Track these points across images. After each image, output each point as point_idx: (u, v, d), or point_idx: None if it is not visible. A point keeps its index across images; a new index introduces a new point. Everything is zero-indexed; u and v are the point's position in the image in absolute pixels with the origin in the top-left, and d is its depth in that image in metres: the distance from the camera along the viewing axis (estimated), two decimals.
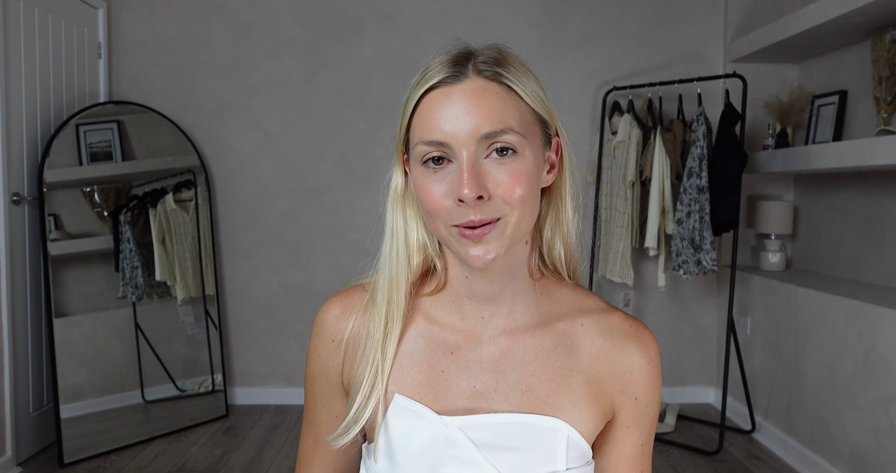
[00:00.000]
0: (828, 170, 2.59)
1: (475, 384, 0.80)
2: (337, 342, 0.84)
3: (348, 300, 0.85)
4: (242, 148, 3.32)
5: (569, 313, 0.83)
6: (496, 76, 0.74)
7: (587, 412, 0.80)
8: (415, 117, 0.76)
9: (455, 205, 0.72)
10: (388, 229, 0.83)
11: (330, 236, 3.35)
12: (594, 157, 3.22)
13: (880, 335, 2.15)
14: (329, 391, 0.86)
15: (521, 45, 3.58)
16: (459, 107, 0.72)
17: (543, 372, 0.80)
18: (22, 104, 2.63)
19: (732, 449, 2.78)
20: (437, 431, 0.77)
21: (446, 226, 0.73)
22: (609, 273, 3.04)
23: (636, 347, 0.82)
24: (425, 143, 0.73)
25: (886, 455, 2.13)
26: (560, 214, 0.83)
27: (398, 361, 0.81)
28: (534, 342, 0.81)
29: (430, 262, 0.83)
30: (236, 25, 3.30)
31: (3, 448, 2.48)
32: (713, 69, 3.29)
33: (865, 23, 2.47)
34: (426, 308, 0.84)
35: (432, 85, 0.74)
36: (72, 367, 2.73)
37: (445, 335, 0.82)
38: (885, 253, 2.60)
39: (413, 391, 0.80)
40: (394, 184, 0.82)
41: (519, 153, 0.73)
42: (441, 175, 0.73)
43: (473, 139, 0.71)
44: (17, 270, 2.60)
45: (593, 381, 0.81)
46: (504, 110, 0.73)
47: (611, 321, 0.83)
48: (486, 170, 0.72)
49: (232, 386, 3.37)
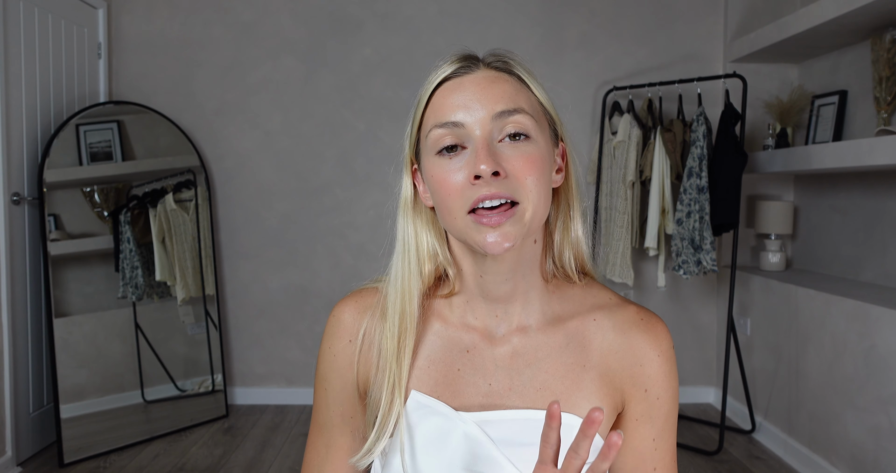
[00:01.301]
0: (828, 170, 2.59)
1: (490, 383, 0.81)
2: (354, 342, 0.84)
3: (363, 301, 0.85)
4: (242, 148, 3.32)
5: (581, 309, 0.84)
6: (506, 66, 0.77)
7: (600, 407, 0.80)
8: (427, 111, 0.77)
9: (470, 183, 0.72)
10: (399, 240, 0.83)
11: (330, 236, 3.35)
12: (594, 157, 3.22)
13: (880, 335, 2.15)
14: (343, 391, 0.85)
15: (521, 45, 3.57)
16: (472, 91, 0.74)
17: (557, 369, 0.81)
18: (22, 104, 2.63)
19: (732, 449, 2.78)
20: (454, 427, 0.78)
21: (462, 215, 0.73)
22: (609, 273, 3.04)
23: (646, 338, 0.82)
24: (440, 125, 0.74)
25: (886, 455, 2.13)
26: (568, 219, 0.84)
27: (416, 361, 0.82)
28: (546, 339, 0.82)
29: (441, 270, 0.84)
30: (236, 25, 3.30)
31: (3, 448, 2.48)
32: (713, 69, 3.29)
33: (865, 23, 2.47)
34: (440, 310, 0.84)
35: (444, 78, 0.76)
36: (72, 367, 2.73)
37: (460, 334, 0.83)
38: (885, 253, 2.60)
39: (431, 389, 0.81)
40: (403, 194, 0.83)
41: (532, 138, 0.74)
42: (456, 161, 0.74)
43: (488, 118, 0.73)
44: (17, 270, 2.60)
45: (605, 375, 0.81)
46: (516, 95, 0.75)
47: (623, 315, 0.83)
48: (500, 151, 0.73)
49: (232, 386, 3.37)
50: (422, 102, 0.78)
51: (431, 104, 0.77)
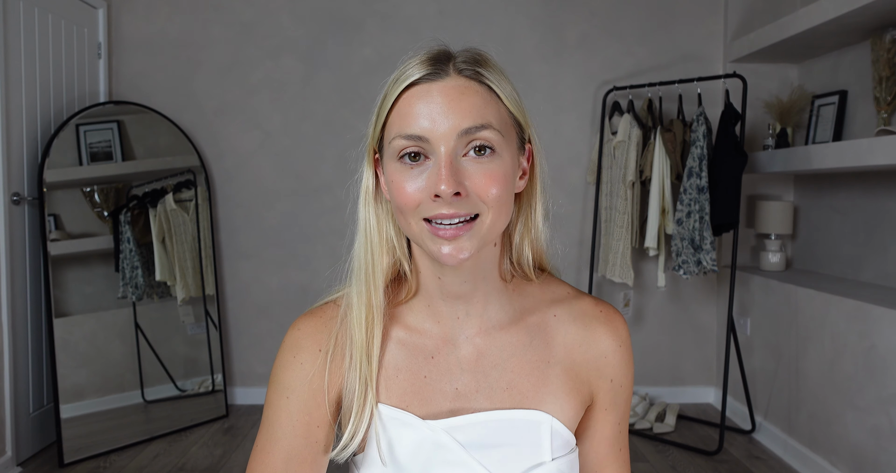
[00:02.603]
0: (828, 170, 2.59)
1: (457, 386, 0.81)
2: (324, 352, 0.82)
3: (325, 314, 0.84)
4: (242, 148, 3.32)
5: (540, 305, 0.85)
6: (476, 75, 0.75)
7: (567, 401, 0.82)
8: (392, 113, 0.75)
9: (430, 199, 0.72)
10: (360, 230, 0.83)
11: (330, 236, 3.35)
12: (594, 157, 3.22)
13: (880, 335, 2.15)
14: (311, 402, 0.82)
15: (521, 45, 3.57)
16: (440, 103, 0.72)
17: (522, 367, 0.82)
18: (22, 104, 2.63)
19: (732, 449, 2.78)
20: (423, 436, 0.78)
21: (417, 221, 0.73)
22: (609, 273, 3.04)
23: (607, 331, 0.84)
24: (404, 137, 0.73)
25: (886, 455, 2.13)
26: (529, 220, 0.84)
27: (383, 371, 0.81)
28: (510, 338, 0.82)
29: (398, 266, 0.83)
30: (236, 25, 3.30)
31: (3, 448, 2.48)
32: (713, 69, 3.29)
33: (865, 23, 2.47)
34: (402, 317, 0.84)
35: (412, 82, 0.74)
36: (72, 367, 2.73)
37: (424, 341, 0.82)
38: (885, 253, 2.60)
39: (399, 399, 0.80)
40: (364, 184, 0.83)
41: (497, 153, 0.73)
42: (417, 171, 0.73)
43: (453, 135, 0.71)
44: (17, 270, 2.60)
45: (570, 370, 0.83)
46: (484, 108, 0.73)
47: (581, 308, 0.85)
48: (463, 167, 0.72)
49: (232, 386, 3.37)
50: (388, 101, 0.76)
51: (397, 108, 0.75)
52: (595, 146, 3.25)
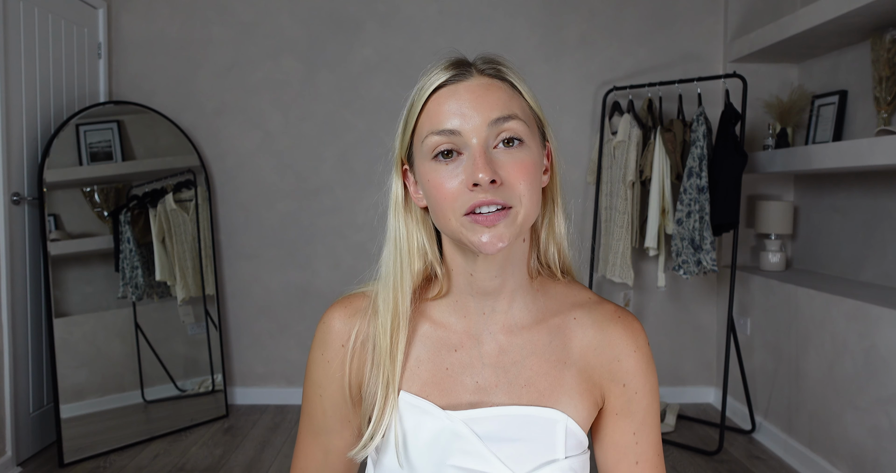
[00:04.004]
0: (828, 170, 2.60)
1: (478, 380, 0.83)
2: (346, 347, 0.85)
3: (352, 305, 0.87)
4: (242, 148, 3.32)
5: (563, 307, 0.87)
6: (498, 73, 0.79)
7: (581, 402, 0.83)
8: (422, 117, 0.79)
9: (468, 190, 0.74)
10: (390, 238, 0.85)
11: (330, 236, 3.35)
12: (594, 157, 3.22)
13: (880, 335, 2.15)
14: (341, 398, 0.86)
15: (521, 45, 3.57)
16: (468, 99, 0.76)
17: (540, 366, 0.83)
18: (22, 104, 2.63)
19: (732, 449, 2.78)
20: (442, 425, 0.81)
21: (458, 217, 0.75)
22: (609, 273, 3.04)
23: (623, 334, 0.85)
24: (437, 133, 0.76)
25: (886, 455, 2.13)
26: (553, 218, 0.87)
27: (406, 362, 0.84)
28: (531, 337, 0.84)
29: (429, 269, 0.86)
30: (236, 25, 3.30)
31: (3, 448, 2.48)
32: (713, 69, 3.29)
33: (865, 23, 2.47)
34: (430, 312, 0.86)
35: (438, 85, 0.78)
36: (72, 367, 2.73)
37: (448, 335, 0.85)
38: (885, 253, 2.60)
39: (420, 388, 0.83)
40: (394, 193, 0.85)
41: (525, 144, 0.77)
42: (452, 167, 0.76)
43: (484, 126, 0.75)
44: (17, 270, 2.60)
45: (584, 372, 0.84)
46: (510, 101, 0.77)
47: (601, 313, 0.86)
48: (496, 158, 0.76)
49: (232, 386, 3.37)
50: (416, 107, 0.79)
51: (426, 110, 0.78)
52: (595, 146, 3.25)
